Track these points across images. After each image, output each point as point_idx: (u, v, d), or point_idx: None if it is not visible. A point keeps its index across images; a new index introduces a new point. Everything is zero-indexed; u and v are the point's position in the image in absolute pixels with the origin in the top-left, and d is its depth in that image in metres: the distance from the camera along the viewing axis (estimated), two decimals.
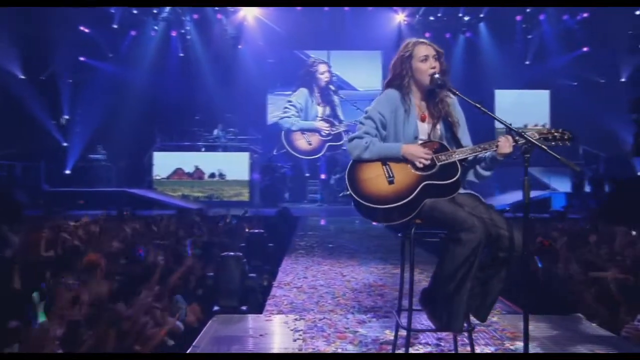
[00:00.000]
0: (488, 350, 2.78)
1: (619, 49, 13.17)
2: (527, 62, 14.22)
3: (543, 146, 2.04)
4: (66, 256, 4.04)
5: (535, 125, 14.08)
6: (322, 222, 9.78)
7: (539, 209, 10.01)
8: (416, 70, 2.35)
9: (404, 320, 2.46)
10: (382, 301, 3.80)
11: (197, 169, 13.43)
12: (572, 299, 3.69)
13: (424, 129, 2.40)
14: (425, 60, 2.34)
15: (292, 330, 3.11)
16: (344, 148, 2.40)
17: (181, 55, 15.28)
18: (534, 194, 11.37)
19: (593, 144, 11.86)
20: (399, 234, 2.48)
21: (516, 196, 9.96)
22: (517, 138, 2.19)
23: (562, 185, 11.84)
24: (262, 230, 5.72)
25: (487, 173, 2.35)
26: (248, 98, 14.67)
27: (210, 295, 4.04)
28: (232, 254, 4.01)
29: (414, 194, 2.16)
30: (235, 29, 14.98)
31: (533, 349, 2.78)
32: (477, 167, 2.34)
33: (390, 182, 2.22)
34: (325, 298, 3.89)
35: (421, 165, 2.21)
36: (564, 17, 13.27)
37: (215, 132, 14.18)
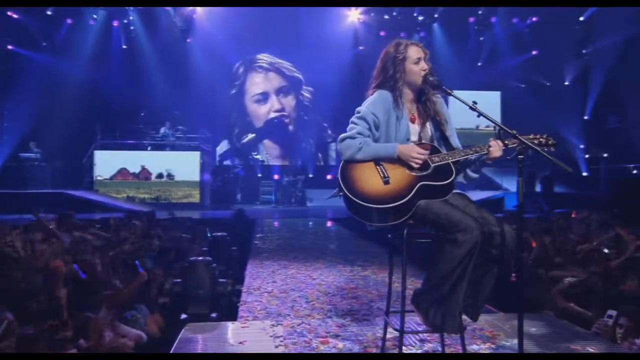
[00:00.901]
0: (471, 349, 2.89)
1: (565, 53, 14.03)
2: (480, 64, 14.85)
3: (537, 148, 2.15)
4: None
5: (487, 127, 14.77)
6: (276, 224, 9.74)
7: (493, 209, 10.48)
8: (409, 72, 2.41)
9: (395, 322, 2.50)
10: (358, 304, 3.85)
11: (144, 169, 13.00)
12: (539, 297, 3.91)
13: (414, 129, 2.47)
14: (418, 62, 2.40)
15: (271, 336, 3.09)
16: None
17: (124, 47, 14.72)
18: (487, 194, 11.92)
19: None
20: (389, 235, 2.53)
21: (475, 196, 10.38)
22: (506, 142, 2.29)
23: (514, 186, 12.45)
24: (225, 234, 5.63)
25: (475, 175, 2.45)
26: (198, 95, 14.38)
27: (177, 303, 3.94)
28: (200, 258, 3.94)
29: (411, 194, 2.21)
30: (184, 21, 14.63)
31: (513, 347, 2.92)
32: (467, 169, 2.43)
33: (386, 183, 2.26)
34: (299, 302, 3.89)
35: (416, 166, 2.26)
36: (514, 21, 13.97)
37: (163, 130, 13.79)
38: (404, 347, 2.89)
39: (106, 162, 12.97)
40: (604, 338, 3.05)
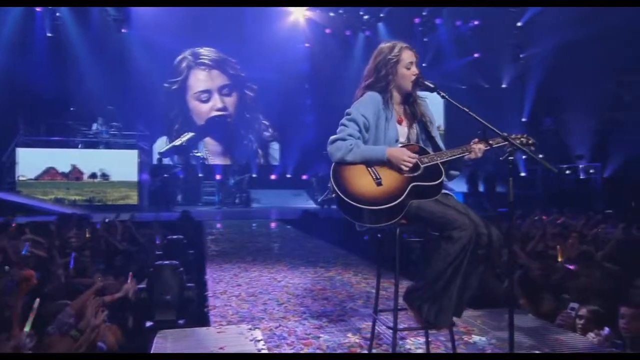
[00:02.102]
0: (449, 345, 3.06)
1: (504, 57, 14.91)
2: (424, 64, 15.42)
3: (524, 149, 2.34)
4: None
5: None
6: (225, 226, 9.63)
7: None
8: (401, 75, 2.52)
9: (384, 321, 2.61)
10: (331, 305, 3.94)
11: (75, 168, 12.40)
12: (499, 293, 4.18)
13: (402, 131, 2.59)
14: (410, 67, 2.52)
15: (251, 340, 3.11)
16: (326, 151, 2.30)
17: (50, 35, 13.94)
18: None
19: None
20: (379, 235, 2.63)
21: None
22: (491, 142, 2.47)
23: (458, 186, 13.08)
24: (181, 236, 5.53)
25: (457, 173, 2.61)
26: (135, 89, 13.88)
27: (141, 310, 3.85)
28: (167, 262, 3.86)
29: (404, 195, 2.32)
30: (117, 10, 14.07)
31: (489, 341, 3.13)
32: (449, 168, 2.58)
33: (379, 184, 2.36)
34: (271, 305, 3.92)
35: (406, 169, 2.38)
36: (457, 23, 14.67)
37: (95, 126, 13.23)
38: (386, 346, 3.04)
39: (30, 161, 12.23)
40: (567, 329, 3.33)
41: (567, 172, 13.05)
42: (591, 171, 12.77)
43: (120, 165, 12.70)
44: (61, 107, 13.32)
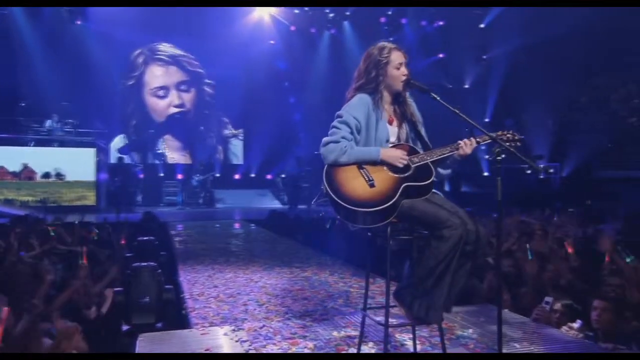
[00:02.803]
0: (434, 341, 3.19)
1: (467, 58, 15.37)
2: None
3: (510, 148, 2.48)
4: None
5: None
6: (191, 227, 9.51)
7: None
8: (391, 76, 2.62)
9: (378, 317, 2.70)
10: (312, 305, 4.01)
11: (26, 167, 11.96)
12: (476, 290, 4.37)
13: (393, 131, 2.69)
14: (400, 67, 2.63)
15: (237, 341, 3.15)
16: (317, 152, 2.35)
17: None
18: None
19: None
20: (369, 234, 2.72)
21: None
22: (478, 139, 2.60)
23: None
24: (152, 238, 5.47)
25: (447, 172, 2.73)
26: (92, 84, 13.50)
27: (117, 314, 3.81)
28: (144, 264, 3.84)
29: (397, 196, 2.42)
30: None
31: (470, 335, 3.28)
32: (438, 167, 2.69)
33: (371, 186, 2.45)
34: (251, 306, 3.96)
35: (401, 166, 2.48)
36: (422, 23, 15.00)
37: (49, 123, 12.80)
38: (372, 344, 3.14)
39: None
40: (543, 323, 3.53)
41: (528, 171, 13.58)
42: (550, 171, 13.35)
43: (76, 164, 12.33)
44: (10, 102, 12.79)
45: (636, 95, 13.54)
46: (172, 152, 15.91)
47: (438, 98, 2.55)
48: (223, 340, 3.18)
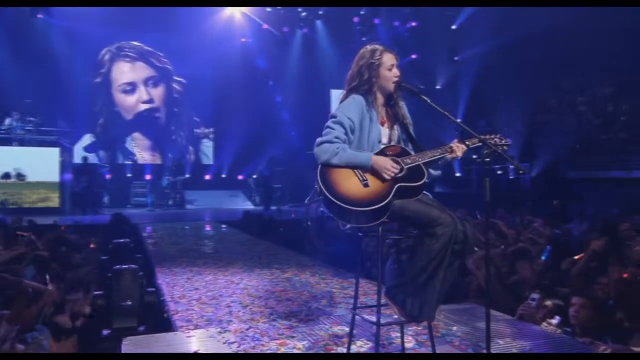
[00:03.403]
0: (420, 339, 3.29)
1: (439, 59, 15.68)
2: None
3: (499, 149, 2.60)
4: None
5: None
6: (148, 229, 9.36)
7: None
8: (383, 77, 2.71)
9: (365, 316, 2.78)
10: (296, 306, 4.06)
11: None
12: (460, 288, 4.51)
13: (385, 132, 2.77)
14: (391, 69, 2.72)
15: (224, 343, 3.18)
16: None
17: None
18: None
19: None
20: (360, 233, 2.80)
21: None
22: (467, 142, 2.72)
23: None
24: (128, 240, 5.41)
25: (437, 173, 2.83)
26: (56, 82, 13.17)
27: (97, 318, 3.78)
28: (125, 267, 3.82)
29: (390, 196, 2.50)
30: None
31: (455, 333, 3.40)
32: (429, 168, 2.80)
33: (365, 185, 2.52)
34: (235, 308, 3.98)
35: (388, 178, 2.55)
36: (395, 24, 15.22)
37: (9, 121, 12.45)
38: (360, 343, 3.21)
39: None
40: (527, 319, 3.68)
41: (499, 172, 13.97)
42: (520, 171, 13.74)
43: (38, 164, 12.04)
44: None
45: (601, 98, 14.09)
46: (142, 151, 15.68)
47: (428, 100, 2.65)
48: (210, 342, 3.20)
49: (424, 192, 2.76)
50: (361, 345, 3.16)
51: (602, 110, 14.37)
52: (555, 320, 3.55)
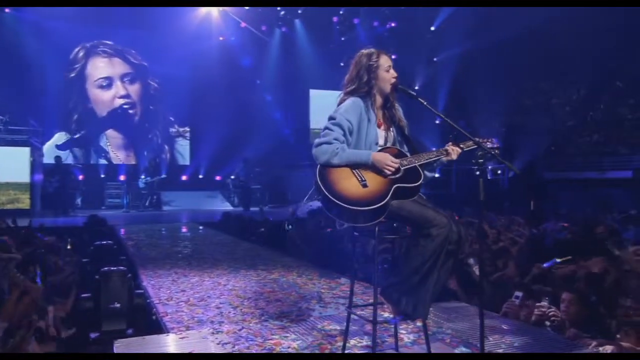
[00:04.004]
0: (410, 338, 3.39)
1: (418, 59, 15.92)
2: (342, 64, 15.96)
3: (492, 152, 2.71)
4: None
5: None
6: (127, 231, 9.29)
7: None
8: (382, 79, 2.80)
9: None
10: (286, 306, 4.12)
11: None
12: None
13: (381, 134, 2.87)
14: (389, 70, 2.81)
15: (218, 343, 3.22)
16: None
17: None
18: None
19: None
20: (355, 233, 2.88)
21: None
22: (462, 145, 2.83)
23: None
24: (111, 242, 5.38)
25: (431, 174, 2.94)
26: (26, 79, 12.90)
27: (85, 321, 3.77)
28: (114, 268, 3.82)
29: (389, 196, 2.59)
30: None
31: (445, 331, 3.51)
32: (425, 170, 2.90)
33: (364, 186, 2.61)
34: (225, 309, 4.02)
35: (389, 173, 2.65)
36: (374, 24, 15.38)
37: None
38: (353, 341, 3.30)
39: None
40: (511, 317, 3.82)
41: (477, 173, 14.23)
42: (499, 172, 14.06)
43: (7, 164, 11.78)
44: None
45: (576, 100, 14.52)
46: (116, 150, 15.50)
47: (425, 103, 2.75)
48: (204, 343, 3.24)
49: (420, 194, 2.87)
50: (355, 344, 3.24)
51: (576, 112, 14.82)
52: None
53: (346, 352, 3.01)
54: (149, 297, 4.39)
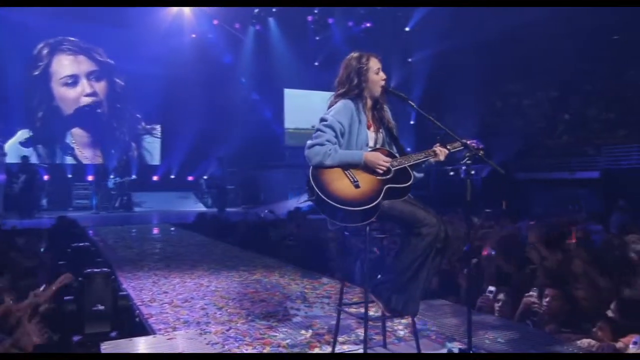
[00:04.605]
0: (399, 335, 3.50)
1: (393, 60, 16.14)
2: (316, 63, 16.09)
3: (478, 153, 2.85)
4: None
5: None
6: (99, 233, 9.17)
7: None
8: (372, 81, 2.91)
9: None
10: (271, 306, 4.18)
11: None
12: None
13: (371, 136, 2.97)
14: (378, 72, 2.92)
15: (207, 344, 3.26)
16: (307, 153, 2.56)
17: None
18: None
19: None
20: (346, 232, 2.98)
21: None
22: (449, 146, 2.96)
23: None
24: (88, 244, 5.34)
25: (420, 175, 3.06)
26: None
27: (68, 324, 3.75)
28: (97, 270, 3.81)
29: (380, 197, 2.70)
30: None
31: (430, 327, 3.64)
32: (414, 170, 3.01)
33: (357, 186, 2.71)
34: (210, 310, 4.06)
35: (381, 172, 2.76)
36: (349, 24, 15.54)
37: None
38: (341, 338, 3.39)
39: None
40: (486, 311, 3.98)
41: (451, 173, 14.56)
42: (472, 172, 14.36)
43: None
44: None
45: (546, 102, 14.99)
46: (82, 148, 15.25)
47: (414, 105, 2.87)
48: (193, 343, 3.28)
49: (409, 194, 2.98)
50: (343, 342, 3.33)
51: (546, 114, 15.29)
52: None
53: (336, 349, 3.10)
54: (131, 299, 4.38)
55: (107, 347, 3.20)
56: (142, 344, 3.28)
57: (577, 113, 14.38)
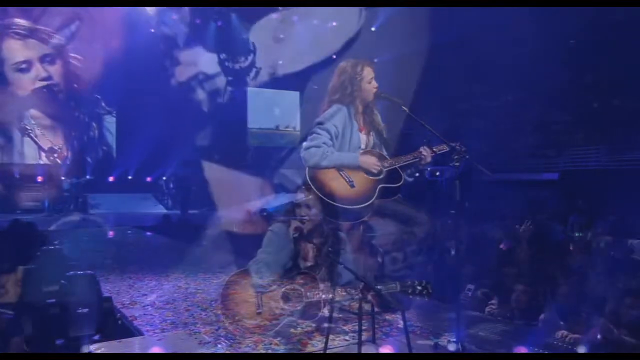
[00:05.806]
0: (385, 331, 3.73)
1: (360, 58, 16.43)
2: (280, 62, 16.21)
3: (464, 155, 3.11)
4: None
5: (287, 127, 16.50)
6: (59, 236, 9.07)
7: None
8: (364, 90, 3.15)
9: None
10: (256, 306, 4.33)
11: None
12: None
13: (363, 138, 3.20)
14: (371, 81, 3.16)
15: (199, 343, 3.41)
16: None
17: None
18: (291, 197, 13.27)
19: None
20: (340, 231, 3.19)
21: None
22: (435, 149, 3.22)
23: None
24: (60, 247, 5.33)
25: (410, 178, 3.31)
26: None
27: (50, 327, 3.80)
28: (80, 272, 3.88)
29: (375, 196, 2.93)
30: None
31: (414, 324, 3.89)
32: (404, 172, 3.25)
33: (352, 186, 2.93)
34: (196, 311, 4.19)
35: (375, 172, 2.99)
36: (314, 22, 15.73)
37: None
38: (331, 336, 3.59)
39: None
40: (467, 308, 4.27)
41: (417, 174, 14.98)
42: (437, 174, 14.85)
43: None
44: None
45: (512, 103, 15.60)
46: (42, 129, 14.81)
47: (406, 109, 3.11)
48: (185, 343, 3.42)
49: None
50: (333, 338, 3.53)
51: (509, 116, 15.93)
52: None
53: (328, 345, 3.30)
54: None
55: (96, 349, 3.29)
56: (130, 345, 3.40)
57: (540, 114, 15.06)
